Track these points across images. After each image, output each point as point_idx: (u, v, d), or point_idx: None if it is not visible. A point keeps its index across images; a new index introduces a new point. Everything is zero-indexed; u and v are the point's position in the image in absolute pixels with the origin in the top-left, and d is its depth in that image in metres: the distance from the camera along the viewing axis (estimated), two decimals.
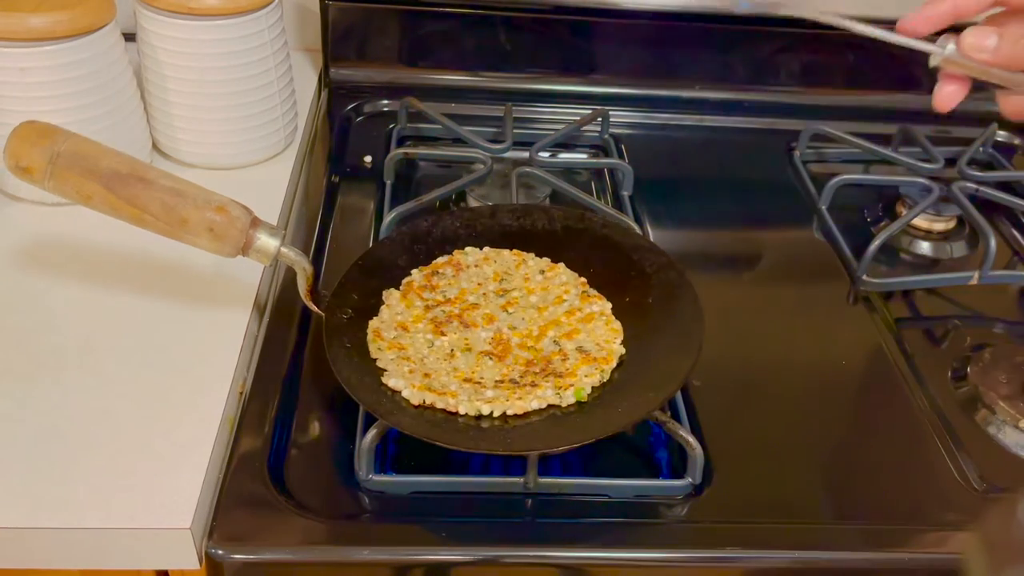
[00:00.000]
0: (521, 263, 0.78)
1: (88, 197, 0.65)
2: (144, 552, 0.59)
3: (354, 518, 0.62)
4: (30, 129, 0.66)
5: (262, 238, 0.68)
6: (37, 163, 0.65)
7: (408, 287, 0.75)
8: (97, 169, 0.65)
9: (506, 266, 0.78)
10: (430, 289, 0.75)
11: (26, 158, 0.65)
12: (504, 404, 0.64)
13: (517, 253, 0.79)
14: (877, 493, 0.67)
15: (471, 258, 0.78)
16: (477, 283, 0.76)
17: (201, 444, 0.63)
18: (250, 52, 0.89)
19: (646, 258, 0.76)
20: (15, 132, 0.66)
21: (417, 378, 0.66)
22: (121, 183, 0.65)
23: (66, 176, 0.65)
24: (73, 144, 0.66)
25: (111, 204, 0.66)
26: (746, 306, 0.84)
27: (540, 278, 0.76)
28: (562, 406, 0.65)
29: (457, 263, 0.77)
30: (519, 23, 1.09)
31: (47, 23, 0.78)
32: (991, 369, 0.77)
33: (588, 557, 0.61)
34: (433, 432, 0.62)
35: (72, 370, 0.69)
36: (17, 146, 0.65)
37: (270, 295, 0.80)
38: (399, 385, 0.65)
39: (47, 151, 0.64)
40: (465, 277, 0.76)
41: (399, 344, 0.70)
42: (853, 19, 0.53)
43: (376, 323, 0.72)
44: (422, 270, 0.77)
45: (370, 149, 1.02)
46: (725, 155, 1.08)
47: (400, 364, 0.68)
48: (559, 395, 0.65)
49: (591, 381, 0.66)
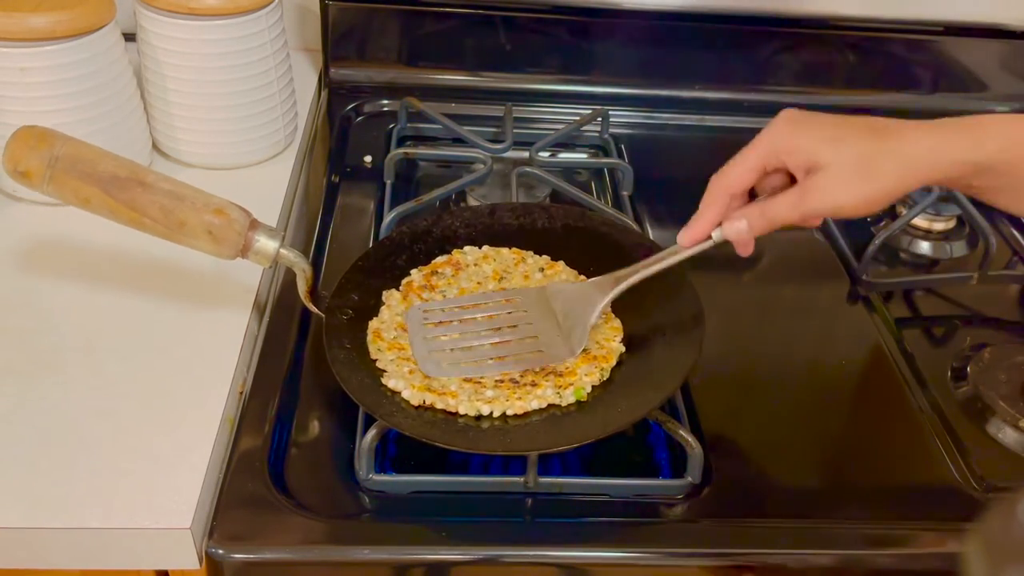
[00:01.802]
0: (520, 261, 0.78)
1: (87, 201, 0.65)
2: (144, 552, 0.59)
3: (354, 518, 0.62)
4: (28, 133, 0.66)
5: (261, 240, 0.68)
6: (36, 168, 0.64)
7: (408, 287, 0.75)
8: (95, 173, 0.65)
9: (505, 264, 0.78)
10: (429, 289, 0.75)
11: (24, 163, 0.65)
12: (504, 404, 0.64)
13: (516, 251, 0.79)
14: (877, 493, 0.67)
15: (470, 257, 0.78)
16: (476, 282, 0.76)
17: (201, 444, 0.63)
18: (250, 52, 0.89)
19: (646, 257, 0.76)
20: (14, 136, 0.66)
21: (417, 379, 0.66)
22: (119, 187, 0.65)
23: (65, 180, 0.65)
24: (71, 148, 0.65)
25: (110, 208, 0.66)
26: (746, 306, 0.84)
27: (540, 276, 0.76)
28: (562, 405, 0.65)
29: (456, 262, 0.77)
30: (519, 23, 1.09)
31: (47, 23, 0.78)
32: (991, 369, 0.77)
33: (588, 557, 0.61)
34: (432, 433, 0.62)
35: (72, 370, 0.69)
36: (16, 151, 0.65)
37: (270, 295, 0.80)
38: (399, 386, 0.65)
39: (45, 155, 0.64)
40: (464, 276, 0.76)
41: (399, 345, 0.70)
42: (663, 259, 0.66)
43: (376, 324, 0.72)
44: (421, 270, 0.77)
45: (370, 149, 1.02)
46: (725, 155, 1.07)
47: (400, 365, 0.67)
48: (559, 394, 0.65)
49: (591, 380, 0.66)
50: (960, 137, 0.57)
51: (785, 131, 0.60)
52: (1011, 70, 1.14)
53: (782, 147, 0.60)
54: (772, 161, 0.60)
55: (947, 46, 1.12)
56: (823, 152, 0.58)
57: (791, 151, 0.59)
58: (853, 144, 0.58)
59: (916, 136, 0.58)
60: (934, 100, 1.15)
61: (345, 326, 0.70)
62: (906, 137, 0.58)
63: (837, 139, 0.58)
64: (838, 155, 0.57)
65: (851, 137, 0.58)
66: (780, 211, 0.60)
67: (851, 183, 0.57)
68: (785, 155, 0.59)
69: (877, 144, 0.57)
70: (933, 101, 1.15)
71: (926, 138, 0.57)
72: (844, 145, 0.58)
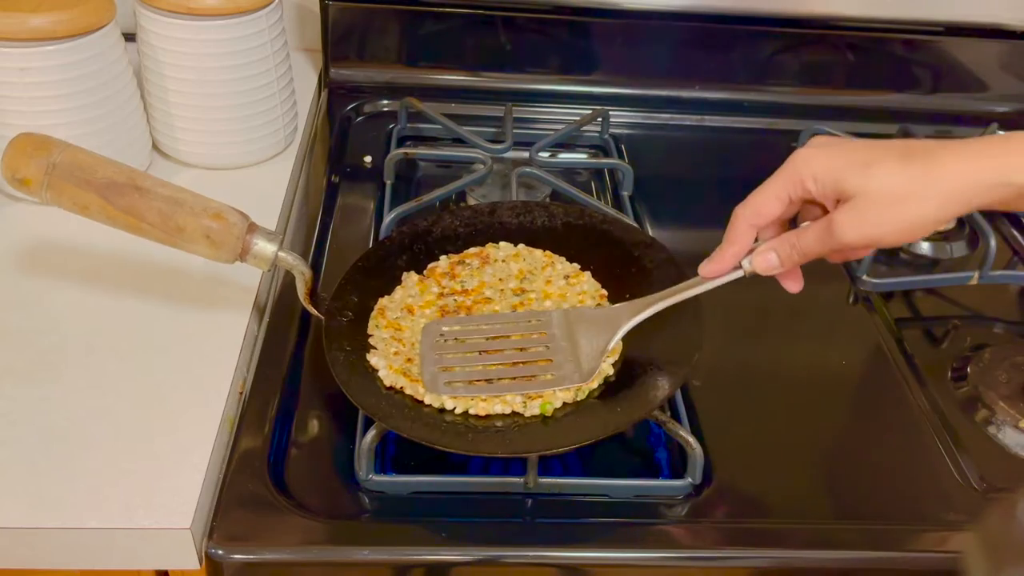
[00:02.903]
0: (549, 265, 0.77)
1: (85, 207, 0.66)
2: (144, 552, 0.59)
3: (354, 518, 0.62)
4: (26, 141, 0.66)
5: (259, 244, 0.68)
6: (34, 175, 0.65)
7: (431, 272, 0.76)
8: (93, 180, 0.65)
9: (534, 265, 0.77)
10: (451, 277, 0.75)
11: (23, 170, 0.65)
12: (468, 403, 0.64)
13: (548, 255, 0.78)
14: (877, 493, 0.67)
15: (501, 253, 0.78)
16: (499, 278, 0.75)
17: (201, 444, 0.63)
18: (250, 52, 0.89)
19: (646, 254, 0.75)
20: (11, 144, 0.66)
21: (399, 361, 0.67)
22: (117, 193, 0.65)
23: (63, 187, 0.65)
24: (69, 155, 0.65)
25: (108, 214, 0.66)
26: (746, 306, 0.84)
27: (562, 283, 0.75)
28: (524, 415, 0.64)
29: (486, 256, 0.77)
30: (519, 23, 1.09)
31: (47, 23, 0.78)
32: (991, 369, 0.77)
33: (588, 557, 0.61)
34: (432, 436, 0.61)
35: (72, 370, 0.69)
36: (13, 158, 0.65)
37: (270, 295, 0.80)
38: (379, 364, 0.66)
39: (43, 163, 0.64)
40: (490, 271, 0.76)
41: (397, 325, 0.70)
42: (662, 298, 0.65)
43: (385, 301, 0.72)
44: (451, 257, 0.77)
45: (370, 149, 1.02)
46: (725, 155, 1.08)
47: (389, 344, 0.68)
48: (525, 404, 0.64)
49: (564, 397, 0.65)
50: (997, 159, 0.53)
51: (811, 157, 0.56)
52: (1011, 70, 1.14)
53: (807, 174, 0.56)
54: (797, 190, 0.56)
55: (947, 46, 1.12)
56: (851, 180, 0.54)
57: (817, 178, 0.55)
58: (883, 171, 0.53)
59: (952, 160, 0.53)
60: (934, 100, 1.15)
61: (345, 328, 0.70)
62: (941, 161, 0.53)
63: (866, 165, 0.54)
64: (867, 184, 0.53)
65: (881, 163, 0.54)
66: (809, 244, 0.57)
67: (882, 214, 0.53)
68: (811, 183, 0.56)
69: (910, 170, 0.53)
70: (933, 101, 1.15)
71: (962, 162, 0.53)
72: (873, 172, 0.53)
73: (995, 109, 1.15)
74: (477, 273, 0.76)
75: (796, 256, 0.58)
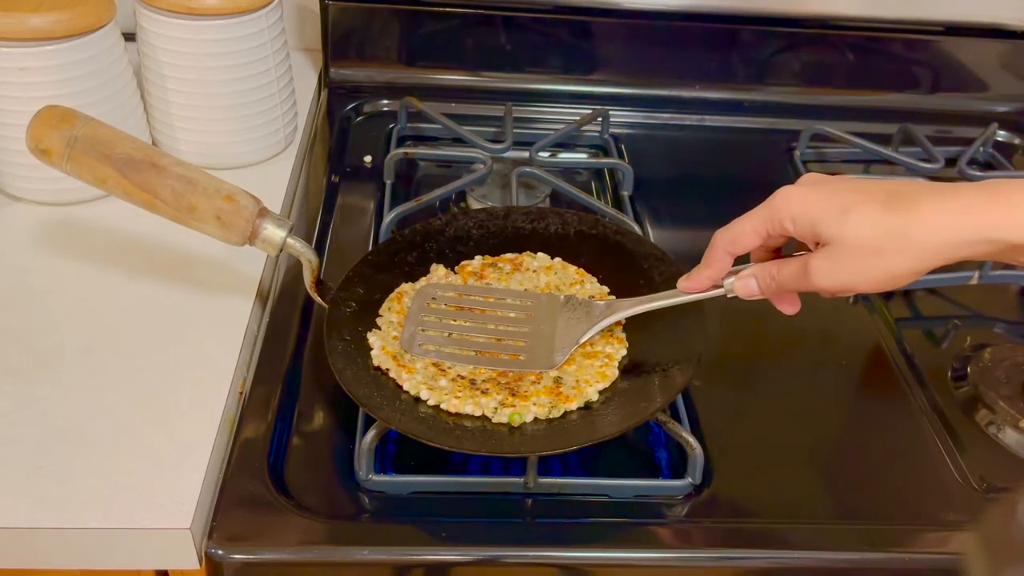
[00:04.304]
0: (578, 283, 0.76)
1: (103, 180, 0.67)
2: (144, 552, 0.59)
3: (354, 518, 0.62)
4: (51, 113, 0.67)
5: (269, 228, 0.69)
6: (56, 146, 0.66)
7: (462, 268, 0.77)
8: (112, 154, 0.66)
9: (563, 280, 0.76)
10: (479, 277, 0.76)
11: (46, 140, 0.67)
12: (441, 398, 0.64)
13: (580, 272, 0.77)
14: (877, 493, 0.67)
15: (536, 263, 0.78)
16: (524, 287, 0.75)
17: (201, 444, 0.63)
18: (250, 52, 0.89)
19: (656, 267, 0.75)
20: (37, 115, 0.67)
21: (393, 345, 0.68)
22: (134, 168, 0.66)
23: (83, 160, 0.67)
24: (91, 129, 0.67)
25: (124, 188, 0.67)
26: (746, 306, 0.84)
27: None
28: (492, 421, 0.64)
29: (519, 263, 0.78)
30: (519, 23, 1.09)
31: (47, 23, 0.78)
32: (991, 369, 0.77)
33: (588, 557, 0.61)
34: (429, 433, 0.62)
35: (72, 370, 0.69)
36: (38, 129, 0.67)
37: (270, 295, 0.80)
38: (374, 344, 0.68)
39: (66, 134, 0.66)
40: (519, 278, 0.76)
41: (407, 312, 0.71)
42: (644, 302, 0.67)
43: (407, 287, 0.74)
44: (485, 258, 0.78)
45: (370, 149, 1.02)
46: (725, 155, 1.08)
47: (391, 329, 0.70)
48: (496, 411, 0.64)
49: (538, 412, 0.64)
50: (981, 214, 0.51)
51: (791, 197, 0.55)
52: (1011, 70, 1.14)
53: (786, 215, 0.55)
54: (776, 228, 0.56)
55: (947, 46, 1.12)
56: (827, 226, 0.53)
57: (795, 220, 0.55)
58: (861, 219, 0.52)
59: (934, 213, 0.51)
60: (934, 100, 1.15)
61: (347, 319, 0.70)
62: (924, 212, 0.51)
63: (844, 211, 0.53)
64: (842, 232, 0.52)
65: (860, 209, 0.52)
66: (786, 280, 0.57)
67: (857, 264, 0.53)
68: (789, 223, 0.55)
69: (888, 220, 0.52)
70: (933, 101, 1.15)
71: (944, 216, 0.51)
72: (850, 219, 0.52)
73: (995, 109, 1.15)
74: (505, 278, 0.76)
75: (775, 287, 0.58)
